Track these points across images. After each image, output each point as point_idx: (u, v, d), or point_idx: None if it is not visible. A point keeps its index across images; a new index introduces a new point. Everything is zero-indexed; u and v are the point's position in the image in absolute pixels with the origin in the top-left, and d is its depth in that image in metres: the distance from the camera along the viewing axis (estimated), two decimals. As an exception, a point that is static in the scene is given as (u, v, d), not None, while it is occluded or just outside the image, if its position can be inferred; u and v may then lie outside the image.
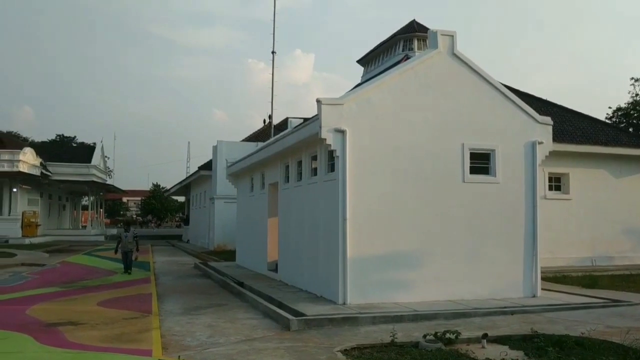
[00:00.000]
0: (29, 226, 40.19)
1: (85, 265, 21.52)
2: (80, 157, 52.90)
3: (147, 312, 10.88)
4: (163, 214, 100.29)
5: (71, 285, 15.16)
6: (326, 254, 11.60)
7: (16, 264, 21.60)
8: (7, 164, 40.58)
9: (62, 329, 9.13)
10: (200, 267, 20.55)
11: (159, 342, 8.18)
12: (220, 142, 29.96)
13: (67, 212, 58.90)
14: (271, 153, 15.32)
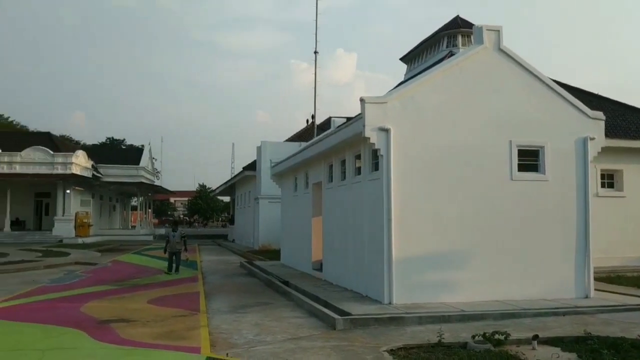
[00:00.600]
0: (81, 226, 41.54)
1: (135, 264, 22.10)
2: (129, 159, 54.46)
3: (195, 310, 11.09)
4: (209, 214, 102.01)
5: (122, 284, 15.59)
6: (371, 253, 11.55)
7: (70, 262, 22.35)
8: (60, 167, 42.15)
9: (115, 326, 9.40)
10: (245, 266, 20.80)
11: (207, 340, 8.32)
12: (264, 142, 30.24)
13: (117, 212, 60.63)
14: (315, 153, 15.37)
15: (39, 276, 17.50)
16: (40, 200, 46.35)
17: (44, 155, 42.50)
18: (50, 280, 16.29)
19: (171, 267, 18.21)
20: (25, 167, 41.97)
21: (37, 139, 46.81)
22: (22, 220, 44.77)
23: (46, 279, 16.73)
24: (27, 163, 42.09)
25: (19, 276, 17.58)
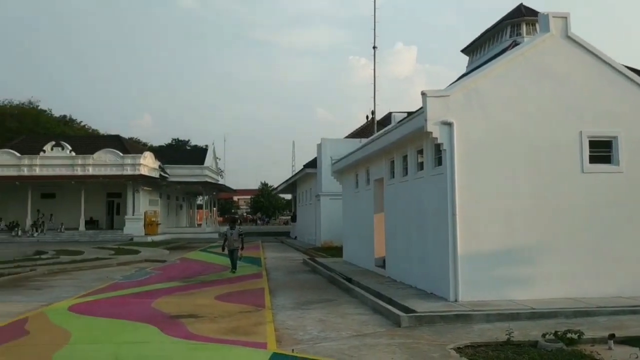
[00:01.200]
0: (150, 225, 43.10)
1: (201, 261, 22.68)
2: (194, 159, 55.94)
3: (260, 306, 11.26)
4: (271, 211, 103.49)
5: (190, 280, 16.04)
6: (435, 250, 11.38)
7: (140, 260, 23.21)
8: (130, 168, 43.84)
9: (184, 321, 9.68)
10: (308, 263, 20.95)
11: (273, 335, 8.44)
12: (324, 139, 30.35)
13: (183, 211, 62.50)
14: (375, 149, 15.28)
15: (112, 273, 18.27)
16: (112, 200, 48.40)
17: (114, 157, 44.33)
18: (122, 277, 16.96)
19: (234, 265, 17.92)
20: (97, 169, 43.95)
21: (108, 141, 48.91)
22: (95, 220, 46.91)
23: (119, 275, 17.44)
24: (99, 165, 44.06)
25: (94, 273, 18.42)
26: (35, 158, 44.26)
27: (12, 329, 9.11)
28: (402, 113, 19.94)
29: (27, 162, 44.12)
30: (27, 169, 44.03)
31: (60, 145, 45.12)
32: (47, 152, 44.52)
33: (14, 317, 10.19)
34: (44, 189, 46.04)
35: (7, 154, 44.89)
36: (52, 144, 45.15)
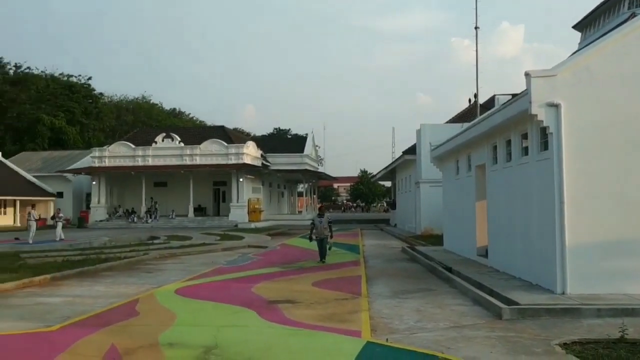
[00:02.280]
0: (253, 212, 44.59)
1: (301, 248, 23.05)
2: (294, 147, 57.04)
3: (356, 294, 11.23)
4: (371, 198, 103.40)
5: (289, 266, 16.36)
6: (541, 239, 10.73)
7: (244, 246, 24.05)
8: (234, 157, 45.53)
9: (281, 307, 9.86)
10: (407, 251, 20.65)
11: (367, 324, 8.36)
12: (423, 125, 29.71)
13: (285, 198, 64.03)
14: (477, 133, 14.67)
15: (217, 258, 19.07)
16: (218, 188, 50.59)
17: (219, 147, 46.24)
18: (226, 262, 17.63)
19: (323, 255, 17.07)
20: (204, 159, 46.08)
21: (213, 132, 51.08)
22: (203, 207, 49.28)
23: (223, 260, 18.15)
24: (205, 155, 46.17)
25: (201, 257, 19.32)
26: (148, 149, 47.20)
27: (124, 310, 9.73)
28: (506, 95, 19.02)
29: (141, 153, 47.17)
30: (141, 160, 47.09)
31: (170, 136, 47.75)
32: (159, 143, 47.30)
33: (127, 298, 10.89)
34: (156, 178, 49.04)
35: (123, 145, 48.29)
36: (163, 136, 47.91)
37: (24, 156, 58.15)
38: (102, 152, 48.26)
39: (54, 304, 10.45)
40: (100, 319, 8.88)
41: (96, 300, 10.78)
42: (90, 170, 47.54)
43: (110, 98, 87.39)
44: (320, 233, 16.97)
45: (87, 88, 77.46)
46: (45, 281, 13.25)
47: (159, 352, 6.87)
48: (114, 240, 25.65)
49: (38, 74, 72.79)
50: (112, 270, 15.73)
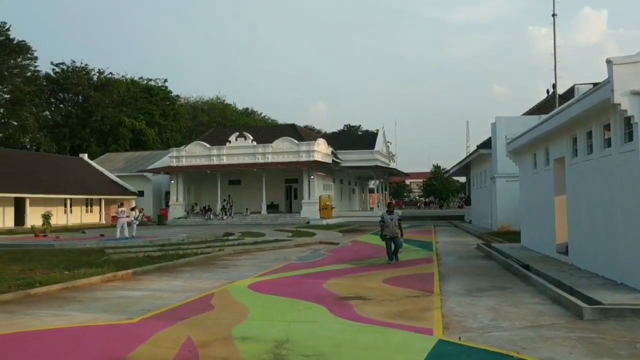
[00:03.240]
0: (325, 209, 44.88)
1: (372, 244, 22.94)
2: (365, 144, 56.90)
3: (429, 292, 11.04)
4: (444, 194, 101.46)
5: (360, 263, 16.32)
6: (627, 234, 10.13)
7: (315, 242, 24.23)
8: (305, 155, 45.99)
9: (352, 303, 9.84)
10: (482, 248, 20.11)
11: (440, 322, 8.20)
12: (498, 118, 28.80)
13: (356, 195, 64.01)
14: (555, 125, 14.03)
15: (289, 254, 19.31)
16: (290, 185, 51.31)
17: (290, 145, 46.87)
18: (298, 258, 17.82)
19: (392, 255, 16.13)
20: (275, 157, 46.87)
21: (285, 130, 51.85)
22: (275, 204, 50.13)
23: (295, 256, 18.36)
24: (277, 153, 46.95)
25: (273, 253, 19.64)
26: (223, 148, 48.55)
27: (200, 304, 10.03)
28: (587, 85, 18.02)
29: (216, 152, 48.58)
30: (216, 159, 48.50)
31: (243, 135, 48.90)
32: (232, 143, 48.54)
33: (203, 292, 11.22)
34: (230, 176, 50.39)
35: (199, 145, 49.91)
36: (236, 135, 49.13)
37: (108, 157, 61.39)
38: (179, 152, 50.12)
39: (135, 297, 10.95)
40: (177, 313, 9.20)
41: (174, 294, 11.19)
42: (168, 169, 49.49)
43: (186, 100, 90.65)
44: (391, 231, 16.10)
45: (164, 90, 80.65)
46: (127, 276, 13.90)
47: (233, 346, 7.03)
48: (191, 237, 26.54)
49: (119, 78, 76.51)
50: (190, 265, 16.28)
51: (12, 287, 11.48)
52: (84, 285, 12.36)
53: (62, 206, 45.49)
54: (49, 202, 42.41)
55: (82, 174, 50.98)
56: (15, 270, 14.19)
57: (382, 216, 16.48)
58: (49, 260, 16.81)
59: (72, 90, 71.85)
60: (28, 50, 58.62)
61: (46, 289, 11.53)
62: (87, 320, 8.77)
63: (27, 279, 12.38)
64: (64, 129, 68.37)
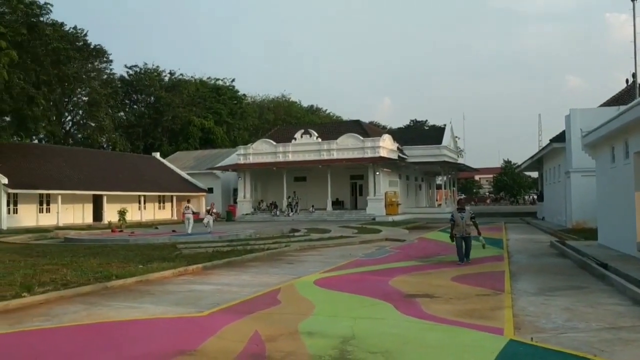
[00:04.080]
0: (390, 205, 44.52)
1: (440, 242, 22.52)
2: (432, 139, 56.04)
3: (499, 290, 10.71)
4: (515, 190, 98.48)
5: (427, 260, 16.06)
6: None
7: (381, 239, 24.07)
8: (370, 151, 45.79)
9: (419, 301, 9.69)
10: (556, 246, 19.32)
11: (510, 321, 7.93)
12: (573, 110, 27.59)
13: (422, 191, 63.11)
14: (635, 117, 13.26)
15: (354, 250, 19.28)
16: (355, 182, 51.26)
17: (355, 141, 46.79)
18: (364, 255, 17.75)
19: (462, 256, 15.04)
20: (340, 153, 46.92)
21: (350, 127, 51.83)
22: (340, 201, 50.24)
23: (360, 253, 18.30)
24: (342, 149, 47.00)
25: (339, 250, 19.67)
26: (288, 145, 49.12)
27: (267, 298, 10.17)
28: (670, 73, 16.99)
29: (282, 149, 49.21)
30: (281, 156, 49.14)
31: (308, 132, 49.27)
32: (298, 140, 49.01)
33: (270, 287, 11.37)
34: (296, 173, 50.91)
35: (265, 143, 50.73)
36: (301, 132, 49.56)
37: (179, 155, 63.52)
38: (246, 150, 51.12)
39: (205, 291, 11.24)
40: (245, 307, 9.37)
41: (242, 288, 11.40)
42: (236, 167, 50.60)
43: (253, 98, 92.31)
44: (462, 230, 14.97)
45: (232, 90, 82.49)
46: (198, 270, 14.31)
47: (299, 340, 7.07)
48: (258, 233, 27.02)
49: (188, 79, 78.89)
50: (257, 260, 16.56)
51: (92, 279, 12.08)
52: (157, 279, 12.83)
53: (137, 203, 47.38)
54: (124, 199, 44.33)
55: (154, 172, 52.96)
56: (94, 264, 14.91)
57: (452, 214, 15.55)
58: (125, 254, 17.56)
59: (144, 92, 74.78)
60: (104, 54, 61.39)
61: (122, 282, 12.05)
62: (160, 313, 9.09)
63: (104, 272, 12.98)
64: (137, 128, 71.26)
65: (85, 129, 62.85)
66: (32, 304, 9.85)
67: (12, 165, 37.93)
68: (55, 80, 40.67)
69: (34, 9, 36.68)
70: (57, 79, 40.81)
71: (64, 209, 40.20)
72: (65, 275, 12.61)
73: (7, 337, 7.56)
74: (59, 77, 41.22)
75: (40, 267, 14.48)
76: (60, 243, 24.79)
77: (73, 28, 54.63)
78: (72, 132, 64.37)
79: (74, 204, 42.25)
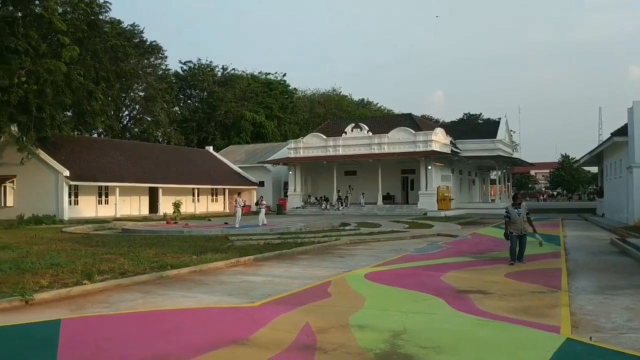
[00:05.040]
0: (443, 200, 43.90)
1: (494, 238, 22.04)
2: (486, 133, 54.89)
3: (555, 288, 10.40)
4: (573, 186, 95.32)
5: (481, 256, 15.74)
6: None
7: (433, 234, 23.76)
8: (422, 145, 45.26)
9: (472, 297, 9.51)
10: (617, 244, 18.59)
11: (568, 320, 7.68)
12: (637, 102, 26.45)
13: (476, 186, 61.96)
14: None
15: (405, 245, 19.11)
16: (406, 176, 50.80)
17: (407, 135, 46.34)
18: (415, 250, 17.57)
19: (515, 256, 13.88)
20: (391, 147, 46.57)
21: (401, 120, 51.37)
22: (391, 195, 49.91)
23: (411, 248, 18.13)
24: (393, 143, 46.64)
25: (389, 244, 19.55)
26: (339, 139, 49.13)
27: (318, 291, 10.21)
28: None
29: (332, 143, 49.29)
30: (332, 149, 49.23)
31: (359, 126, 49.14)
32: (348, 134, 48.96)
33: (320, 280, 11.42)
34: (346, 167, 50.92)
35: (316, 137, 50.92)
36: (352, 126, 49.49)
37: (231, 149, 64.57)
38: (297, 144, 51.45)
39: (256, 282, 11.40)
40: (296, 298, 9.44)
41: (293, 280, 11.49)
42: (286, 160, 51.02)
43: (303, 92, 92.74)
44: (519, 227, 13.80)
45: (283, 84, 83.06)
46: (249, 262, 14.52)
47: (350, 333, 7.07)
48: (308, 226, 27.16)
49: (240, 74, 79.95)
50: (307, 253, 16.66)
51: (148, 269, 12.45)
52: (209, 270, 13.10)
53: (191, 195, 48.49)
54: (178, 192, 45.45)
55: (207, 165, 54.02)
56: (150, 254, 15.35)
57: (507, 210, 14.20)
58: (179, 245, 18.00)
59: (198, 87, 76.30)
60: (159, 50, 63.00)
61: (177, 272, 12.37)
62: (213, 302, 9.27)
63: (160, 262, 13.35)
64: (191, 123, 72.80)
65: (142, 123, 64.70)
66: (92, 291, 10.24)
67: (73, 158, 39.48)
68: (114, 76, 42.02)
69: (94, 7, 37.94)
70: (115, 75, 42.16)
71: (121, 200, 41.55)
72: (123, 265, 13.05)
73: (70, 321, 7.88)
74: (117, 73, 42.56)
75: (100, 256, 15.04)
76: (117, 233, 25.65)
77: (130, 25, 56.44)
78: (129, 126, 66.41)
79: (131, 196, 43.60)
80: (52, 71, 31.56)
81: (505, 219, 14.24)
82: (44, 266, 12.72)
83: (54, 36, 33.37)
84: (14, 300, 9.03)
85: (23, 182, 38.13)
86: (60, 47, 33.03)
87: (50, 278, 11.11)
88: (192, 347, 6.51)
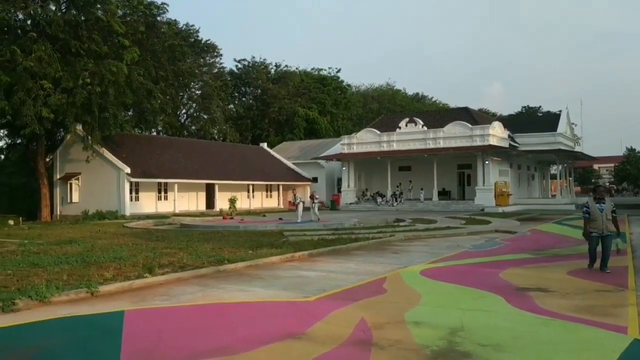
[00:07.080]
0: (501, 195, 42.85)
1: (555, 234, 21.40)
2: (546, 126, 53.14)
3: (622, 286, 9.97)
4: None
5: (541, 253, 15.28)
6: None
7: (490, 230, 23.23)
8: (479, 139, 44.31)
9: (532, 294, 9.25)
10: (688, 241, 17.66)
11: (635, 320, 7.34)
12: None
13: (535, 181, 60.16)
14: None
15: (462, 241, 18.78)
16: (462, 171, 49.89)
17: (463, 129, 45.45)
18: (472, 246, 17.23)
19: (594, 259, 11.88)
20: (447, 142, 45.82)
21: (457, 114, 50.39)
22: (447, 191, 49.14)
23: (468, 244, 17.79)
24: (448, 137, 45.88)
25: (445, 241, 19.25)
26: (393, 134, 48.76)
27: (373, 287, 10.17)
28: None
29: (386, 138, 48.96)
30: (386, 145, 48.91)
31: (413, 121, 48.58)
32: (402, 128, 48.50)
33: (375, 276, 11.37)
34: (400, 162, 50.48)
35: (370, 132, 50.71)
36: (406, 121, 48.99)
37: (285, 146, 65.18)
38: (350, 140, 51.36)
39: (310, 277, 11.46)
40: (351, 294, 9.43)
41: (347, 276, 11.50)
42: (340, 156, 51.04)
43: (357, 88, 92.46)
44: (600, 226, 11.51)
45: (337, 80, 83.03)
46: (304, 257, 14.62)
47: (406, 329, 7.01)
48: (362, 222, 27.10)
49: (293, 71, 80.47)
50: (362, 249, 16.62)
51: (206, 263, 12.74)
52: (265, 264, 13.28)
53: (246, 191, 49.25)
54: (234, 188, 46.26)
55: (262, 161, 54.73)
56: (207, 249, 15.70)
57: (587, 205, 11.74)
58: (235, 240, 18.33)
59: (252, 84, 77.28)
60: (215, 49, 64.19)
61: (233, 266, 12.60)
62: (269, 296, 9.40)
63: (217, 257, 13.64)
64: (246, 120, 73.87)
65: (199, 121, 66.17)
66: (153, 284, 10.57)
67: (134, 155, 40.84)
68: (172, 76, 43.16)
69: (152, 9, 39.07)
70: (173, 74, 43.30)
71: (179, 196, 42.65)
72: (182, 259, 13.41)
73: (133, 313, 8.16)
74: (175, 73, 43.69)
75: (160, 250, 15.50)
76: (176, 228, 26.38)
77: (185, 25, 57.72)
78: (187, 124, 68.05)
79: (189, 192, 44.71)
80: (115, 72, 32.75)
81: (584, 216, 11.90)
82: (108, 260, 13.24)
83: (115, 38, 34.56)
84: (81, 292, 9.45)
85: (87, 179, 39.78)
86: (122, 48, 34.21)
87: (114, 271, 11.54)
88: (250, 339, 6.61)
